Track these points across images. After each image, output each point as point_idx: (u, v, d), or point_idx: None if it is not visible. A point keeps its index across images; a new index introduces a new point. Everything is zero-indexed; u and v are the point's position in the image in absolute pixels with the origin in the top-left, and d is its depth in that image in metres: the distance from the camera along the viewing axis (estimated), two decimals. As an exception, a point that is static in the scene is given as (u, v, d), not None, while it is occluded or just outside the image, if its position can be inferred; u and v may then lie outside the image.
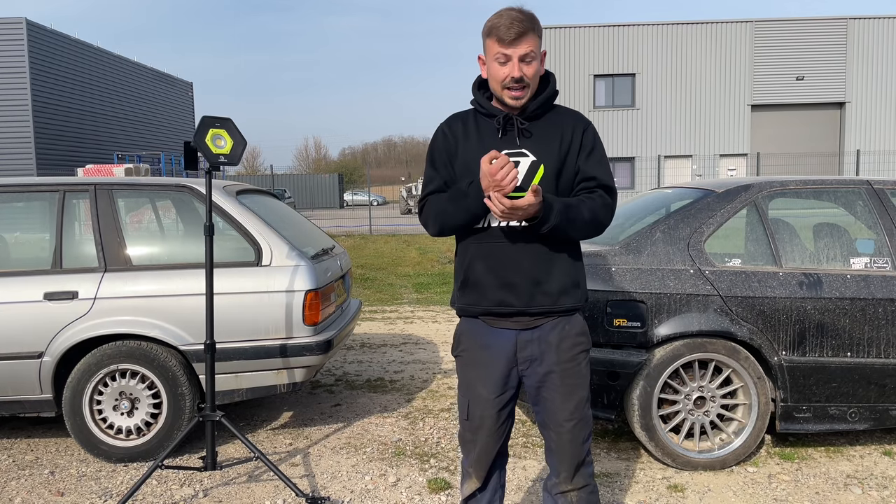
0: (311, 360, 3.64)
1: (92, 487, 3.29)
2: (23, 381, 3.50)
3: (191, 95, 39.94)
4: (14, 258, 4.05)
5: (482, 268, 2.07)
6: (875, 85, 27.54)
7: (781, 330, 3.32)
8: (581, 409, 2.12)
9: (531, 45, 1.97)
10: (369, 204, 23.42)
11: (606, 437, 3.86)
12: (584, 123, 2.10)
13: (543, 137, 2.05)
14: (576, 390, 2.11)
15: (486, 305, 2.08)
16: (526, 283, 2.04)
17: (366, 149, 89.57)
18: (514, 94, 2.01)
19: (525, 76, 1.98)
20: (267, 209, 4.09)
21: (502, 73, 1.99)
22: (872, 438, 3.81)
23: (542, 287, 2.05)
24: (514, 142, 2.05)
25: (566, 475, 2.14)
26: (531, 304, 2.05)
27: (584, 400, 2.13)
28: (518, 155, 2.04)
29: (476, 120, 2.11)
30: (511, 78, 1.98)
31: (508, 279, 2.04)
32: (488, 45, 2.01)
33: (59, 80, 26.83)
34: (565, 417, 2.10)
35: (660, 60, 27.83)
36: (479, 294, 2.08)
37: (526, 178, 2.01)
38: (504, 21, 1.95)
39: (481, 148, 2.04)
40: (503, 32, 1.95)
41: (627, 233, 3.64)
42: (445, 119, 2.17)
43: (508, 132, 2.06)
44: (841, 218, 3.77)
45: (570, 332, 2.10)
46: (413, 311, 8.04)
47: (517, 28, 1.94)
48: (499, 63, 1.99)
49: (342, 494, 3.19)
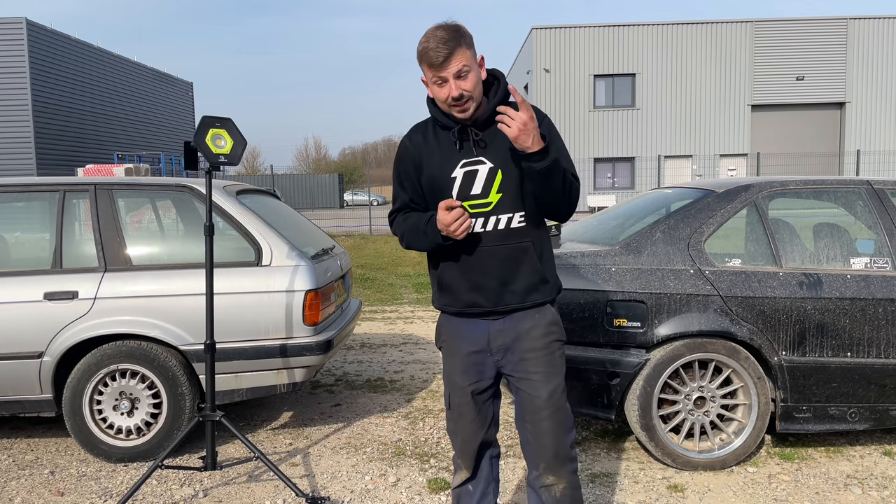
0: (311, 360, 3.64)
1: (92, 487, 3.29)
2: (23, 381, 3.50)
3: (191, 95, 39.95)
4: (14, 258, 4.05)
5: (454, 273, 2.17)
6: (875, 85, 27.55)
7: (781, 330, 3.32)
8: (557, 398, 2.16)
9: (462, 60, 2.00)
10: (369, 204, 23.39)
11: (606, 437, 3.86)
12: (539, 117, 2.10)
13: (499, 142, 2.10)
14: (550, 378, 2.16)
15: (459, 307, 2.19)
16: (494, 284, 2.13)
17: (366, 149, 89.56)
18: (460, 109, 2.06)
19: (464, 91, 2.02)
20: (267, 209, 4.09)
21: (442, 95, 2.04)
22: (872, 438, 3.81)
23: (510, 287, 2.14)
24: (472, 151, 2.12)
25: (545, 466, 2.17)
26: (499, 304, 2.14)
27: (560, 389, 2.17)
28: (476, 163, 2.11)
29: (435, 131, 2.18)
30: (451, 97, 2.03)
31: (478, 282, 2.14)
32: (424, 70, 2.06)
33: (59, 80, 26.84)
34: (541, 406, 2.14)
35: (660, 60, 27.83)
36: (453, 297, 2.19)
37: (486, 185, 2.11)
38: (431, 45, 1.99)
39: (443, 161, 2.13)
40: (432, 57, 1.99)
41: (627, 233, 3.64)
42: (408, 131, 2.24)
43: (465, 143, 2.13)
44: (841, 218, 3.77)
45: (540, 321, 2.17)
46: (413, 311, 8.04)
47: (444, 50, 1.97)
48: (437, 86, 2.05)
49: (342, 494, 3.19)
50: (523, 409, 2.19)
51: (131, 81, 32.80)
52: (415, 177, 2.20)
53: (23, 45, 24.88)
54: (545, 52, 27.98)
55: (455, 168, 2.12)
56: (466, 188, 2.11)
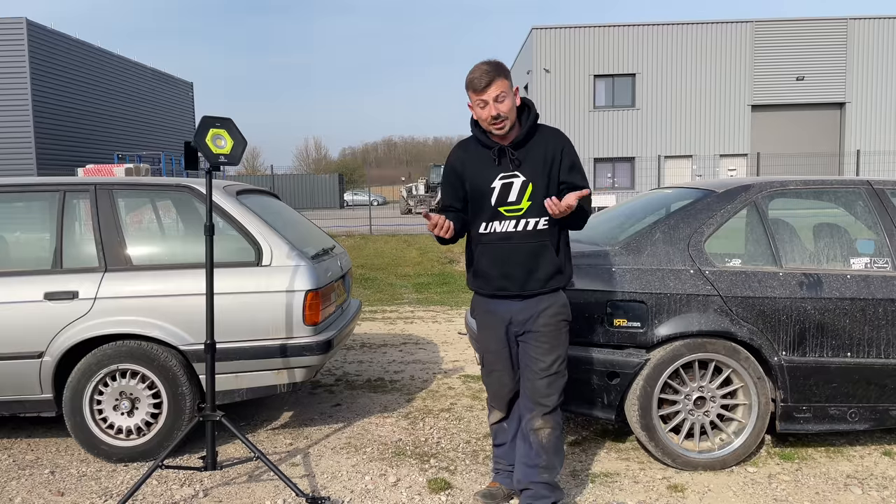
0: (312, 360, 3.64)
1: (92, 487, 3.29)
2: (23, 380, 3.50)
3: (191, 95, 39.95)
4: (14, 258, 4.05)
5: (486, 262, 2.76)
6: (875, 85, 27.52)
7: (781, 330, 3.32)
8: (557, 365, 2.75)
9: (500, 87, 2.58)
10: (369, 204, 23.38)
11: (606, 437, 3.86)
12: (563, 142, 2.74)
13: (531, 160, 2.69)
14: (555, 349, 2.75)
15: (490, 290, 2.78)
16: (521, 273, 2.71)
17: (366, 149, 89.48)
18: (497, 127, 2.65)
19: (501, 112, 2.60)
20: (267, 209, 4.09)
21: (483, 115, 2.63)
22: (872, 439, 3.81)
23: (535, 275, 2.71)
24: (508, 167, 2.69)
25: (539, 411, 2.75)
26: (525, 289, 2.72)
27: (561, 359, 2.77)
28: (512, 177, 2.69)
29: (476, 148, 2.77)
30: (491, 117, 2.61)
31: (507, 271, 2.72)
32: (469, 96, 2.64)
33: (59, 80, 26.83)
34: (542, 368, 2.74)
35: (660, 60, 27.81)
36: (485, 281, 2.79)
37: (519, 194, 2.68)
38: (476, 74, 2.58)
39: (484, 172, 2.72)
40: (476, 84, 2.58)
41: (627, 233, 3.64)
42: (455, 145, 2.84)
43: (502, 160, 2.70)
44: (841, 218, 3.77)
45: (554, 303, 2.77)
46: (413, 311, 8.04)
47: (486, 78, 2.57)
48: (479, 108, 2.63)
49: (342, 494, 3.19)
50: (527, 371, 2.77)
51: (131, 81, 32.78)
52: (455, 182, 2.79)
53: (23, 45, 24.86)
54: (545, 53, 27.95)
55: (495, 180, 2.69)
56: (504, 196, 2.68)
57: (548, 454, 2.77)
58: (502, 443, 2.99)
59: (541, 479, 2.78)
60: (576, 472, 3.41)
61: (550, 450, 2.77)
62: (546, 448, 2.76)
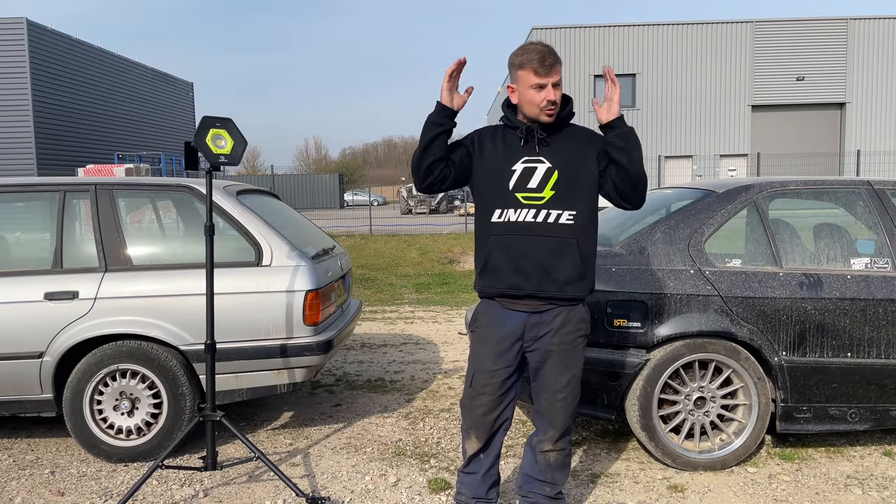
0: (312, 361, 3.64)
1: (92, 487, 3.29)
2: (23, 380, 3.50)
3: (191, 95, 39.94)
4: (14, 258, 4.05)
5: (500, 256, 2.44)
6: (875, 85, 27.53)
7: (782, 330, 3.32)
8: (573, 384, 2.54)
9: (560, 74, 2.40)
10: (369, 204, 23.37)
11: (606, 437, 3.86)
12: (599, 139, 2.50)
13: (558, 149, 2.46)
14: (570, 367, 2.52)
15: (501, 288, 2.46)
16: (537, 270, 2.41)
17: (366, 149, 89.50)
18: (549, 113, 2.42)
19: (557, 99, 2.41)
20: (267, 209, 4.09)
21: (539, 98, 2.39)
22: (872, 439, 3.81)
23: (551, 276, 2.41)
24: (534, 150, 2.45)
25: (551, 436, 2.59)
26: (539, 290, 2.42)
27: (577, 377, 2.55)
28: (536, 162, 2.44)
29: (504, 132, 2.52)
30: (547, 101, 2.39)
31: (521, 266, 2.42)
32: (522, 76, 2.40)
33: (59, 80, 26.83)
34: (558, 389, 2.52)
35: (660, 60, 27.81)
36: (496, 278, 2.46)
37: (542, 182, 2.42)
38: (536, 56, 2.36)
39: (506, 153, 2.47)
40: (538, 65, 2.36)
41: (628, 233, 3.64)
42: (483, 127, 2.58)
43: (529, 141, 2.46)
44: (841, 218, 3.77)
45: (572, 318, 2.49)
46: (413, 312, 8.04)
47: (549, 61, 2.37)
48: (534, 91, 2.39)
49: (342, 494, 3.19)
50: (542, 389, 2.56)
51: (131, 81, 32.77)
52: (464, 152, 2.51)
53: (23, 45, 24.86)
54: (545, 53, 27.95)
55: (517, 163, 2.44)
56: (524, 181, 2.42)
57: (553, 472, 2.67)
58: (473, 472, 2.67)
59: (543, 492, 2.70)
60: (576, 472, 3.41)
61: (557, 468, 2.67)
62: (553, 467, 2.66)
